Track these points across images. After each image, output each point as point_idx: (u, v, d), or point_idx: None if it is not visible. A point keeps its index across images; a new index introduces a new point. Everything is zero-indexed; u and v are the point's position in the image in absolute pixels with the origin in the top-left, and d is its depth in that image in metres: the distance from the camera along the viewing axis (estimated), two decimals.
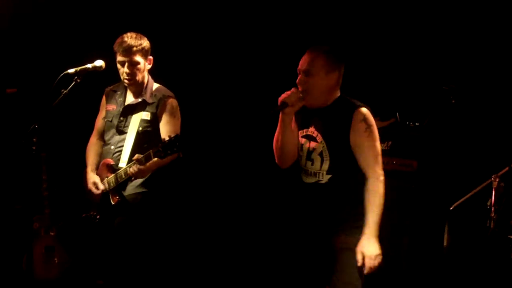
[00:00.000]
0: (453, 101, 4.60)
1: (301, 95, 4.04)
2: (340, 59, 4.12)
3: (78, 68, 4.61)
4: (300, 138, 4.21)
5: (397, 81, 5.74)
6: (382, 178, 4.00)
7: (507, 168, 4.82)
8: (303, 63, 4.07)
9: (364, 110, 4.03)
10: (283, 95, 4.03)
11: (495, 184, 4.83)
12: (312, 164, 4.13)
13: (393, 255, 5.19)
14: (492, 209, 4.83)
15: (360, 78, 5.51)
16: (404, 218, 5.36)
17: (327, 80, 4.06)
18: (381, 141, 5.45)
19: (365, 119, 4.02)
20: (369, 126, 4.01)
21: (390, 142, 5.51)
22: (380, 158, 4.04)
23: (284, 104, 4.00)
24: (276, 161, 4.25)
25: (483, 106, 5.43)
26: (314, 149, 4.13)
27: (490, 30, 5.43)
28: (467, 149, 5.36)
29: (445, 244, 5.12)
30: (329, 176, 4.07)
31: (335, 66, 4.09)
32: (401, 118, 5.55)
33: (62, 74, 4.54)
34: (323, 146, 4.09)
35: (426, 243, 5.37)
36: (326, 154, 4.08)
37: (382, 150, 5.37)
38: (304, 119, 4.20)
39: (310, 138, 4.16)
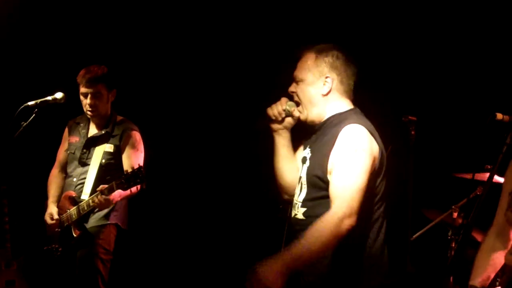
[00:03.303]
0: (413, 132, 4.63)
1: (286, 106, 3.30)
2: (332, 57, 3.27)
3: (38, 101, 4.61)
4: (299, 162, 3.39)
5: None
6: (339, 214, 2.97)
7: (466, 199, 4.88)
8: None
9: (353, 126, 3.13)
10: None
11: (455, 214, 4.89)
12: (295, 193, 3.35)
13: None
14: (452, 240, 4.90)
15: None
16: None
17: (317, 86, 3.26)
18: None
19: (350, 136, 3.10)
20: (352, 146, 3.06)
21: None
22: (351, 192, 3.02)
23: (267, 118, 3.29)
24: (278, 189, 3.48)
25: (443, 137, 5.51)
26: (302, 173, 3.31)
27: (451, 62, 5.53)
28: (427, 180, 5.41)
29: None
30: (304, 209, 3.23)
31: (325, 67, 3.26)
32: None
33: (22, 107, 4.54)
34: (305, 171, 3.26)
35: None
36: (304, 180, 3.26)
37: None
38: (307, 138, 3.38)
39: (303, 160, 3.31)
